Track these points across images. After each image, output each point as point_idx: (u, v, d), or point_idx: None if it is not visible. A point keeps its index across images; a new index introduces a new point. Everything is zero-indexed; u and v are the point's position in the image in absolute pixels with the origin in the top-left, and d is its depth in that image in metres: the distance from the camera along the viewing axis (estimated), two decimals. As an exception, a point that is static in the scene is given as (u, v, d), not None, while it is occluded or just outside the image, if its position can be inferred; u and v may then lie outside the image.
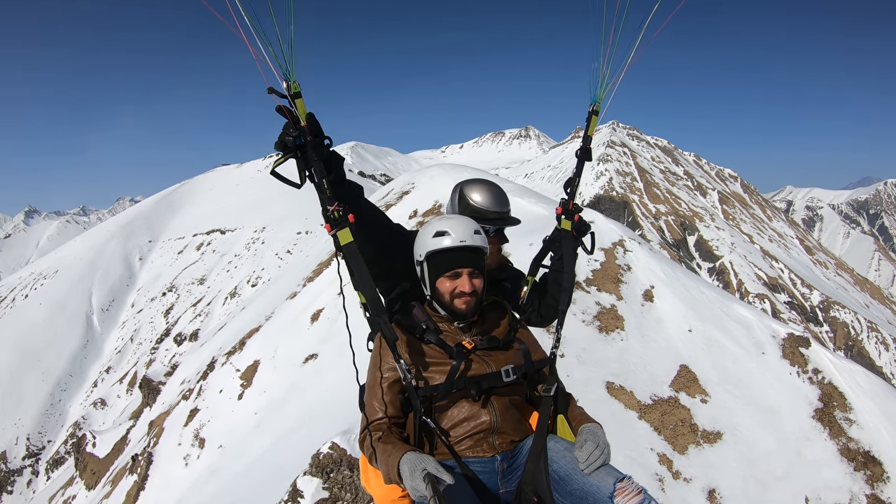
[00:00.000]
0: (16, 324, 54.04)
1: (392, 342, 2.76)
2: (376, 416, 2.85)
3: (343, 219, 2.82)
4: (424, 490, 2.31)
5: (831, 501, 10.64)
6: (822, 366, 12.19)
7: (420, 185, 23.37)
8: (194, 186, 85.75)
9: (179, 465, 16.40)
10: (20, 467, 41.05)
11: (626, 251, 13.50)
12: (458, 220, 3.02)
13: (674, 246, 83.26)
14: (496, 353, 2.97)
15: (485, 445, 2.84)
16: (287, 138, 2.70)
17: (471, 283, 2.93)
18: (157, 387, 26.27)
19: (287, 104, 2.66)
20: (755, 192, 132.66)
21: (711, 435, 10.32)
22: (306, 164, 2.78)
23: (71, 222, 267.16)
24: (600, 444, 2.58)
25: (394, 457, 2.54)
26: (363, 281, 2.79)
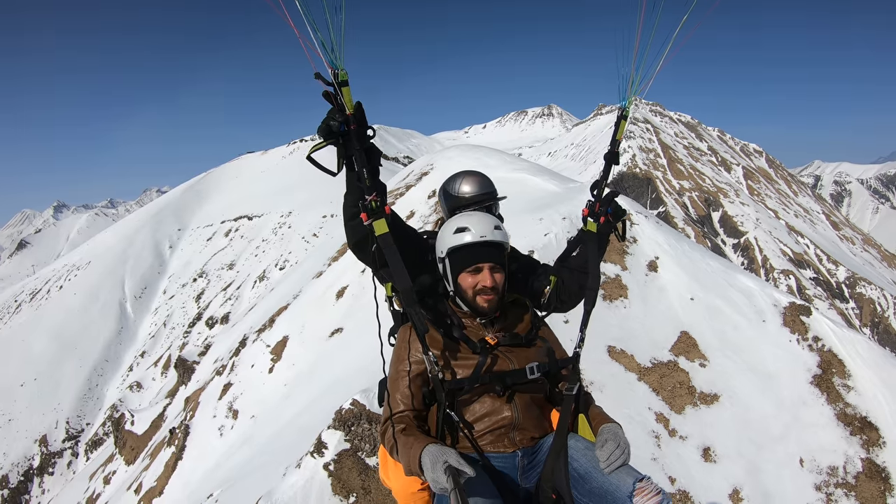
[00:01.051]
0: (52, 314, 55.81)
1: (422, 334, 2.80)
2: (399, 408, 2.90)
3: (380, 209, 2.85)
4: (445, 482, 2.36)
5: (826, 463, 11.05)
6: (822, 334, 12.55)
7: (438, 166, 23.83)
8: (220, 175, 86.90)
9: (215, 435, 17.20)
10: (60, 450, 42.69)
11: (633, 224, 13.94)
12: (478, 217, 3.10)
13: (698, 222, 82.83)
14: (519, 349, 3.03)
15: (506, 441, 2.89)
16: (332, 123, 2.72)
17: (492, 278, 2.99)
18: (192, 366, 27.20)
19: (333, 91, 2.69)
20: (781, 166, 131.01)
21: (709, 397, 10.81)
22: (347, 151, 2.82)
23: (100, 215, 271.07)
24: (621, 444, 2.60)
25: (415, 449, 2.58)
26: (398, 272, 2.82)
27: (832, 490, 10.81)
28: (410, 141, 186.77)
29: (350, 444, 8.74)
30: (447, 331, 2.98)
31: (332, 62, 2.58)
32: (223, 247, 62.32)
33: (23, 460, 41.41)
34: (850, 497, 10.77)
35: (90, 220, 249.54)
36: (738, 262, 76.83)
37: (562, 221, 13.85)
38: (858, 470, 11.03)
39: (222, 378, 19.77)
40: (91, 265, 63.15)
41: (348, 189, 2.98)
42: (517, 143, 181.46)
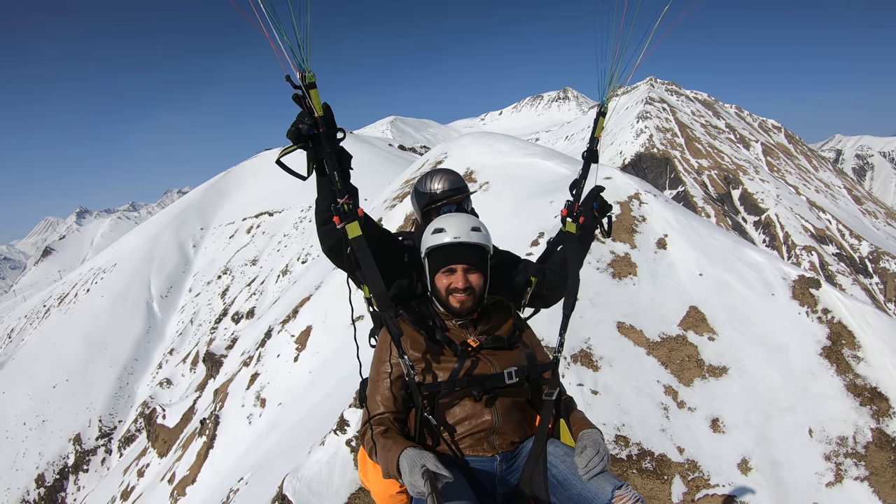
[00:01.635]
0: (81, 316, 56.97)
1: (397, 338, 2.82)
2: (378, 410, 2.92)
3: (353, 212, 2.86)
4: (423, 486, 2.36)
5: (835, 433, 11.22)
6: (831, 305, 12.68)
7: (452, 155, 24.07)
8: (239, 173, 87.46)
9: (244, 423, 17.72)
10: (94, 447, 43.79)
11: (642, 203, 14.16)
12: (456, 218, 3.12)
13: (718, 200, 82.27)
14: (500, 352, 3.03)
15: (485, 445, 2.90)
16: (301, 126, 2.71)
17: (465, 280, 3.01)
18: (220, 359, 27.87)
19: (301, 94, 2.68)
20: (800, 142, 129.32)
21: (717, 369, 11.05)
22: (316, 155, 2.80)
23: (122, 218, 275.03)
24: (600, 451, 2.60)
25: (393, 452, 2.59)
26: (371, 275, 2.83)
27: (841, 460, 10.97)
28: (427, 130, 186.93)
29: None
30: (429, 333, 3.01)
31: (299, 64, 2.57)
32: (246, 243, 63.10)
33: (58, 459, 42.59)
34: (859, 467, 10.92)
35: (113, 224, 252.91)
36: (759, 240, 76.30)
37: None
38: (868, 440, 11.16)
39: (249, 369, 20.32)
40: (117, 267, 64.30)
41: (320, 193, 2.99)
42: (534, 128, 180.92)
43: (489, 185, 18.79)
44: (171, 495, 18.40)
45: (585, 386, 9.49)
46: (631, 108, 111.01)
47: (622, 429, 9.04)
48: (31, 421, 45.53)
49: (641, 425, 9.25)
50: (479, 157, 21.81)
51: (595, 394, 9.41)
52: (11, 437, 44.68)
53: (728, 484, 9.54)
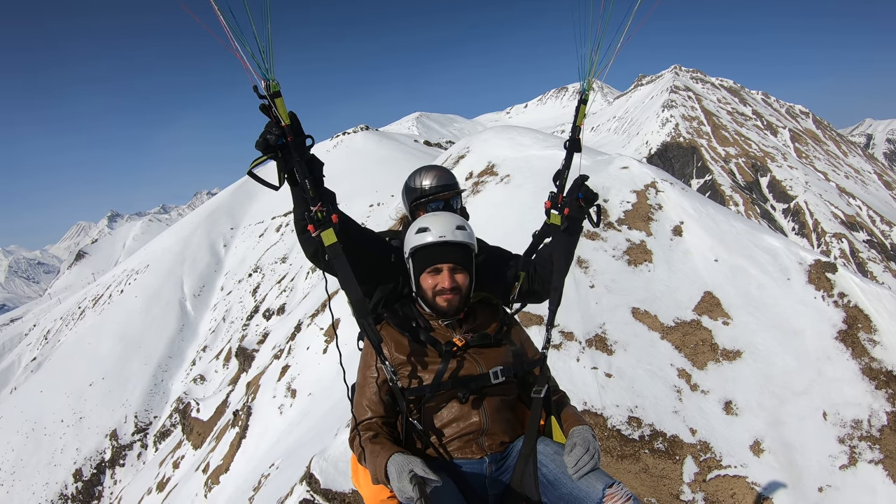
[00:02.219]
0: (116, 316, 58.12)
1: (377, 344, 2.81)
2: (366, 415, 2.90)
3: (327, 219, 2.82)
4: (411, 492, 2.36)
5: (850, 416, 11.32)
6: (848, 290, 12.77)
7: (474, 149, 24.35)
8: (266, 172, 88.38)
9: (275, 414, 18.21)
10: (130, 442, 44.77)
11: (658, 192, 14.34)
12: (440, 217, 3.09)
13: (746, 188, 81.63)
14: (487, 350, 3.00)
15: (474, 447, 2.87)
16: (269, 137, 2.68)
17: (452, 279, 2.98)
18: (252, 354, 28.54)
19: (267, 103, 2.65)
20: (829, 127, 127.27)
21: (731, 353, 11.24)
22: (286, 165, 2.78)
23: (153, 221, 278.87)
24: (590, 449, 2.58)
25: (381, 457, 2.60)
26: (348, 283, 2.80)
27: (856, 443, 11.08)
28: (453, 126, 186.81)
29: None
30: (413, 334, 2.98)
31: (263, 74, 2.54)
32: (275, 241, 63.81)
33: (95, 454, 43.73)
34: (874, 450, 11.01)
35: (144, 226, 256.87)
36: (788, 227, 75.54)
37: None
38: (883, 423, 11.24)
39: (280, 361, 20.86)
40: (150, 268, 65.37)
41: (295, 203, 2.96)
42: (559, 119, 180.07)
43: (510, 178, 19.06)
44: (204, 484, 18.98)
45: (600, 369, 9.76)
46: (656, 97, 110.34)
47: (635, 410, 9.30)
48: (68, 418, 46.79)
49: (654, 407, 9.50)
50: (500, 150, 22.06)
51: (609, 377, 9.68)
52: (50, 434, 45.89)
53: (740, 465, 9.72)
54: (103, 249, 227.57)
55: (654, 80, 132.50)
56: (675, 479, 8.79)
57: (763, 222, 74.34)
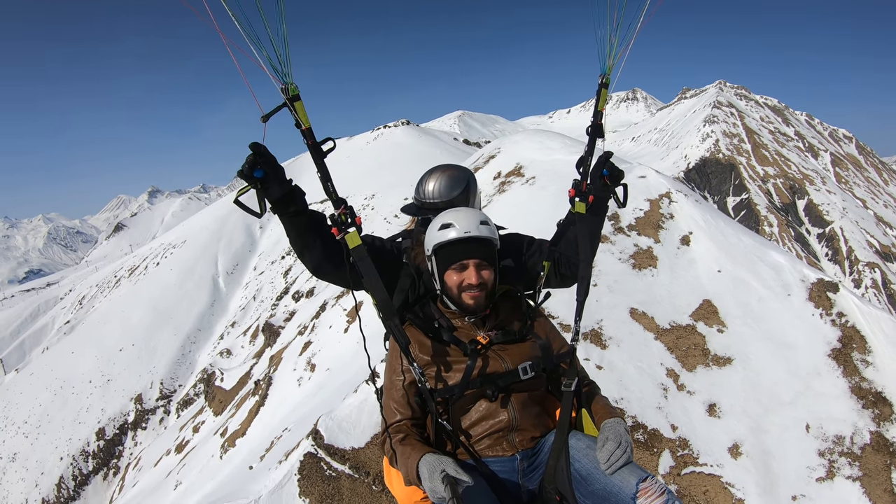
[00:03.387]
0: (150, 287, 59.85)
1: (404, 346, 2.76)
2: (395, 417, 2.88)
3: (351, 222, 2.81)
4: (443, 492, 2.35)
5: (833, 431, 11.76)
6: (847, 310, 13.18)
7: (505, 150, 25.06)
8: (307, 159, 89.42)
9: (294, 385, 19.15)
10: (154, 407, 46.20)
11: (672, 202, 14.86)
12: (464, 212, 3.00)
13: (782, 210, 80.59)
14: (512, 346, 2.94)
15: (504, 444, 2.83)
16: (245, 167, 2.68)
17: (478, 275, 2.89)
18: (277, 330, 29.65)
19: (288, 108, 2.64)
20: (872, 153, 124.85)
21: (722, 359, 11.76)
22: (267, 195, 2.78)
23: (193, 199, 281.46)
24: (622, 443, 2.53)
25: (413, 458, 2.58)
26: (374, 284, 2.78)
27: (836, 458, 11.52)
28: (495, 126, 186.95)
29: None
30: (436, 335, 2.94)
31: (282, 78, 2.54)
32: (310, 226, 65.42)
33: (119, 416, 45.31)
34: (853, 466, 11.44)
35: (184, 203, 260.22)
36: (821, 253, 74.63)
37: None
38: (866, 442, 11.66)
39: (303, 337, 21.90)
40: (187, 244, 67.09)
41: (287, 230, 2.96)
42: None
43: (535, 180, 19.69)
44: (221, 447, 19.91)
45: (591, 361, 10.37)
46: (698, 111, 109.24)
47: (620, 402, 9.91)
48: (96, 379, 48.55)
49: (639, 401, 10.09)
50: (529, 152, 22.74)
51: (599, 369, 10.29)
52: (77, 392, 47.67)
53: (716, 465, 10.23)
54: (141, 223, 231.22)
55: (698, 95, 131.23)
56: (650, 470, 9.34)
57: (796, 245, 73.73)
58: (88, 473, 42.11)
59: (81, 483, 41.47)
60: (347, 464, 10.42)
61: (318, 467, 10.52)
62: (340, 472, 10.48)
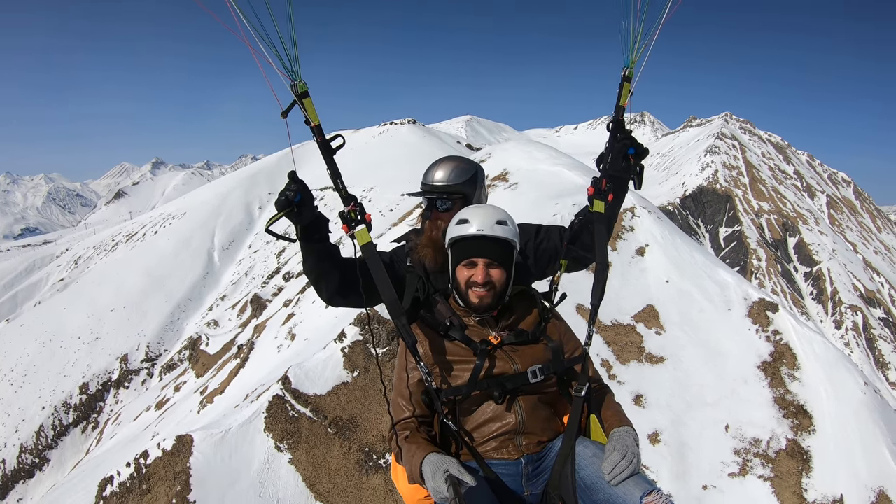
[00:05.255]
0: (146, 254, 61.08)
1: (412, 345, 2.73)
2: (403, 415, 2.84)
3: (361, 219, 2.81)
4: (446, 492, 2.35)
5: (751, 434, 12.94)
6: (782, 329, 14.40)
7: (495, 156, 26.65)
8: (313, 147, 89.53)
9: (273, 351, 20.43)
10: (138, 369, 47.26)
11: (635, 216, 16.15)
12: (482, 209, 2.94)
13: (772, 245, 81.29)
14: (524, 348, 2.85)
15: (510, 447, 2.77)
16: (288, 193, 2.71)
17: (486, 274, 2.82)
18: (265, 303, 31.00)
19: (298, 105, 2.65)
20: (868, 199, 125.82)
21: (655, 358, 13.03)
22: (301, 218, 2.80)
23: (196, 174, 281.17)
24: (628, 455, 2.47)
25: (417, 457, 2.56)
26: (383, 283, 2.75)
27: (750, 458, 12.72)
28: (501, 134, 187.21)
29: (362, 337, 12.05)
30: (447, 333, 2.88)
31: (291, 75, 2.56)
32: (308, 212, 66.65)
33: (103, 373, 46.55)
34: (766, 468, 12.63)
35: (186, 178, 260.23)
36: (806, 291, 75.54)
37: (572, 206, 16.25)
38: (781, 447, 12.85)
39: (287, 309, 23.35)
40: (186, 216, 68.30)
41: (305, 255, 3.00)
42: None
43: (518, 185, 20.98)
44: (199, 403, 21.17)
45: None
46: (701, 140, 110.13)
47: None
48: (85, 336, 49.86)
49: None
50: (516, 160, 24.19)
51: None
52: (65, 347, 48.98)
53: (634, 448, 11.50)
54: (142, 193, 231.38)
55: (703, 124, 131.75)
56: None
57: (782, 282, 74.68)
58: (68, 425, 43.26)
59: (60, 433, 42.63)
60: (309, 407, 11.88)
61: (283, 408, 11.95)
62: (302, 414, 11.93)
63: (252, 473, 12.36)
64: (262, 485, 12.20)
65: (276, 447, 12.50)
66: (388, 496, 12.74)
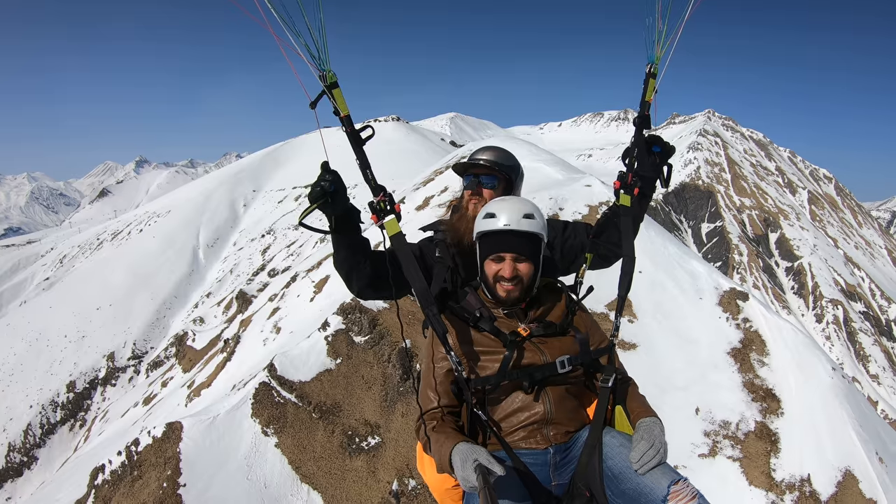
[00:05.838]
0: (131, 252, 61.35)
1: (442, 335, 2.72)
2: (431, 405, 2.85)
3: (390, 209, 2.82)
4: (475, 481, 2.34)
5: (721, 417, 13.44)
6: (752, 317, 14.94)
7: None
8: (297, 145, 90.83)
9: (259, 345, 20.82)
10: (125, 366, 47.54)
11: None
12: (508, 203, 2.96)
13: (754, 241, 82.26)
14: (552, 339, 2.87)
15: (538, 437, 2.79)
16: (323, 184, 2.69)
17: (513, 269, 2.84)
18: (250, 299, 31.41)
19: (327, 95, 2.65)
20: (850, 196, 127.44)
21: (627, 345, 13.55)
22: (335, 209, 2.78)
23: (179, 172, 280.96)
24: (655, 444, 2.48)
25: (446, 447, 2.55)
26: (412, 272, 2.76)
27: (720, 439, 13.25)
28: (486, 131, 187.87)
29: (345, 326, 12.52)
30: (477, 324, 2.90)
31: (319, 66, 2.56)
32: (292, 209, 66.50)
33: (90, 371, 46.77)
34: (735, 448, 13.14)
35: (170, 176, 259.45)
36: (788, 285, 76.53)
37: (548, 200, 16.75)
38: (750, 429, 13.36)
39: (273, 304, 23.79)
40: (171, 214, 68.63)
41: (336, 247, 3.00)
42: (590, 143, 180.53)
43: (496, 181, 21.79)
44: (187, 397, 21.53)
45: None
46: (684, 137, 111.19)
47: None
48: (71, 335, 50.01)
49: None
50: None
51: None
52: (52, 345, 49.11)
53: (605, 429, 12.05)
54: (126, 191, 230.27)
55: (686, 121, 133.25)
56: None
57: (763, 276, 75.60)
58: (56, 423, 43.39)
59: (48, 432, 42.77)
60: (294, 393, 12.41)
61: (269, 394, 12.47)
62: (287, 400, 12.45)
63: (240, 457, 12.96)
64: (249, 468, 12.79)
65: (263, 432, 13.11)
66: (370, 477, 13.28)
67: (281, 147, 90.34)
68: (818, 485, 12.64)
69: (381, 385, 14.55)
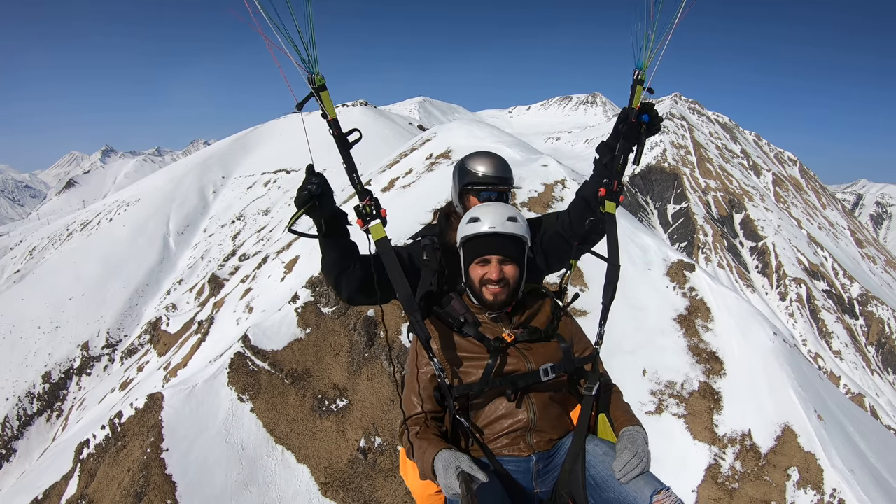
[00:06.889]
0: (102, 241, 60.95)
1: (426, 340, 2.73)
2: (414, 410, 2.85)
3: (376, 214, 2.81)
4: (458, 488, 2.33)
5: (666, 378, 14.36)
6: (698, 286, 15.90)
7: (439, 135, 28.42)
8: (266, 131, 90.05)
9: (233, 324, 21.55)
10: (99, 355, 47.60)
11: (565, 188, 17.58)
12: (492, 207, 2.96)
13: (718, 221, 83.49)
14: (537, 346, 2.89)
15: (521, 444, 2.80)
16: (310, 187, 2.68)
17: (500, 271, 2.85)
18: (222, 282, 32.04)
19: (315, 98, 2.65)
20: (814, 178, 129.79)
21: (578, 312, 14.41)
22: (322, 213, 2.78)
23: (147, 161, 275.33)
24: (638, 453, 2.48)
25: (429, 453, 2.56)
26: (397, 278, 2.77)
27: (665, 398, 14.19)
28: (454, 115, 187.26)
29: (314, 298, 13.44)
30: (461, 329, 2.90)
31: (308, 68, 2.56)
32: (261, 195, 66.63)
33: (65, 361, 46.91)
34: (680, 406, 14.08)
35: (137, 165, 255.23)
36: (752, 265, 78.10)
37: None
38: (694, 389, 14.31)
39: (245, 285, 24.58)
40: (140, 202, 68.19)
41: (324, 251, 2.99)
42: (558, 127, 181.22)
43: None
44: (163, 378, 22.15)
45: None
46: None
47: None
48: (45, 325, 50.04)
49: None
50: (459, 139, 25.90)
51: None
52: (25, 337, 49.10)
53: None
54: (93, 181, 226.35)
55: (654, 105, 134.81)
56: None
57: (728, 256, 77.08)
58: (33, 415, 43.64)
59: (25, 423, 43.00)
60: (267, 362, 13.32)
61: (244, 364, 13.36)
62: (261, 368, 13.35)
63: (218, 422, 13.92)
64: (227, 432, 13.75)
65: (239, 398, 14.06)
66: (339, 436, 14.25)
67: (250, 133, 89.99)
68: (758, 438, 13.53)
69: (347, 352, 15.38)
